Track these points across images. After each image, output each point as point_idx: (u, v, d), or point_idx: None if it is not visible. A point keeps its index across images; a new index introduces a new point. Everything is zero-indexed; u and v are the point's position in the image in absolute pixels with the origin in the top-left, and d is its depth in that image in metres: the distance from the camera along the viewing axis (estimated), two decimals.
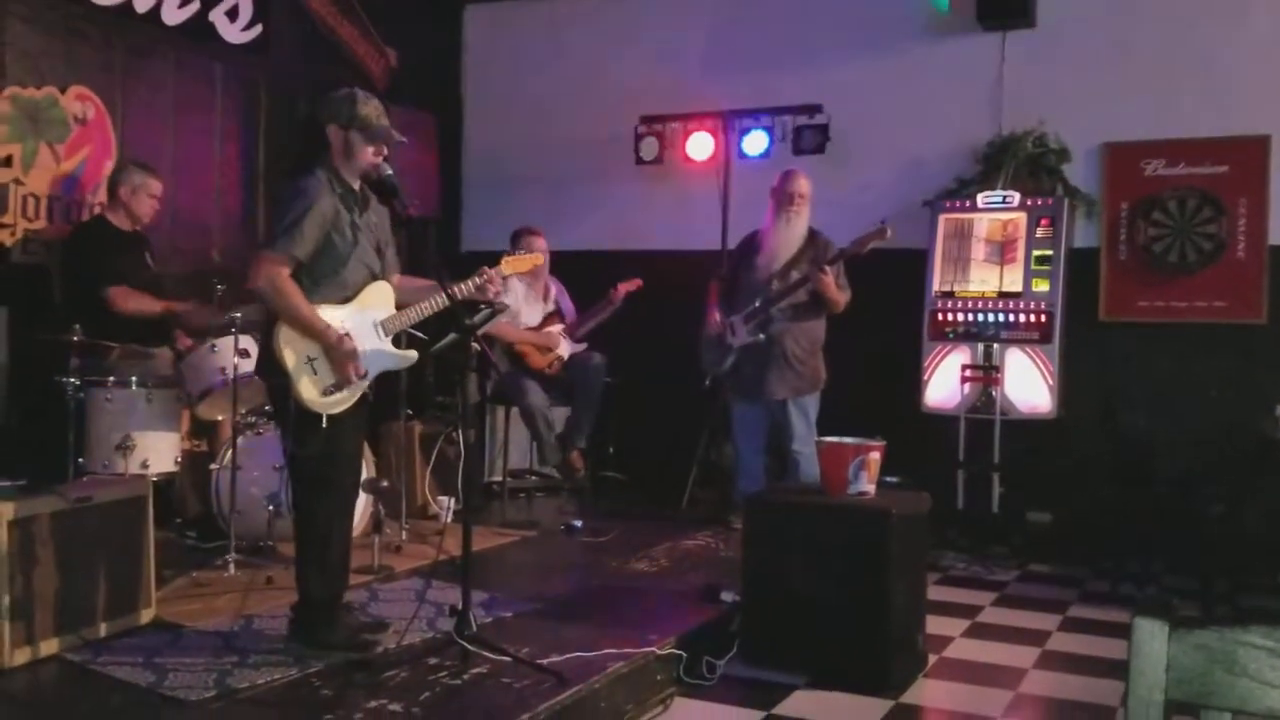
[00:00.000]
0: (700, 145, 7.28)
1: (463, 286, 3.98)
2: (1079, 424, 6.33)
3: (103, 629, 3.81)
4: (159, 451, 4.77)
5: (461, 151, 8.40)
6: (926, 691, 4.14)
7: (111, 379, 4.76)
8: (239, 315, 4.64)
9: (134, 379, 4.78)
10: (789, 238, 5.88)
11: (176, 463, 4.91)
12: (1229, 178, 6.29)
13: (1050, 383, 6.14)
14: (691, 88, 7.44)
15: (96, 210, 5.60)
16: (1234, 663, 1.20)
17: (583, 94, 7.85)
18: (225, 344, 4.74)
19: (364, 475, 4.44)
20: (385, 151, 3.82)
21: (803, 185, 5.87)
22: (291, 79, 6.78)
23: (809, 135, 6.97)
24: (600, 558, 5.43)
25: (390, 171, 3.82)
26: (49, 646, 3.62)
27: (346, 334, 3.71)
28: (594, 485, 6.90)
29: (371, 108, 3.77)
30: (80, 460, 4.68)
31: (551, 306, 6.65)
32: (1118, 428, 6.39)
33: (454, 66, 8.41)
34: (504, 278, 4.21)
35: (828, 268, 5.64)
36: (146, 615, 4.00)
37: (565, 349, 6.55)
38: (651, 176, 7.57)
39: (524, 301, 6.52)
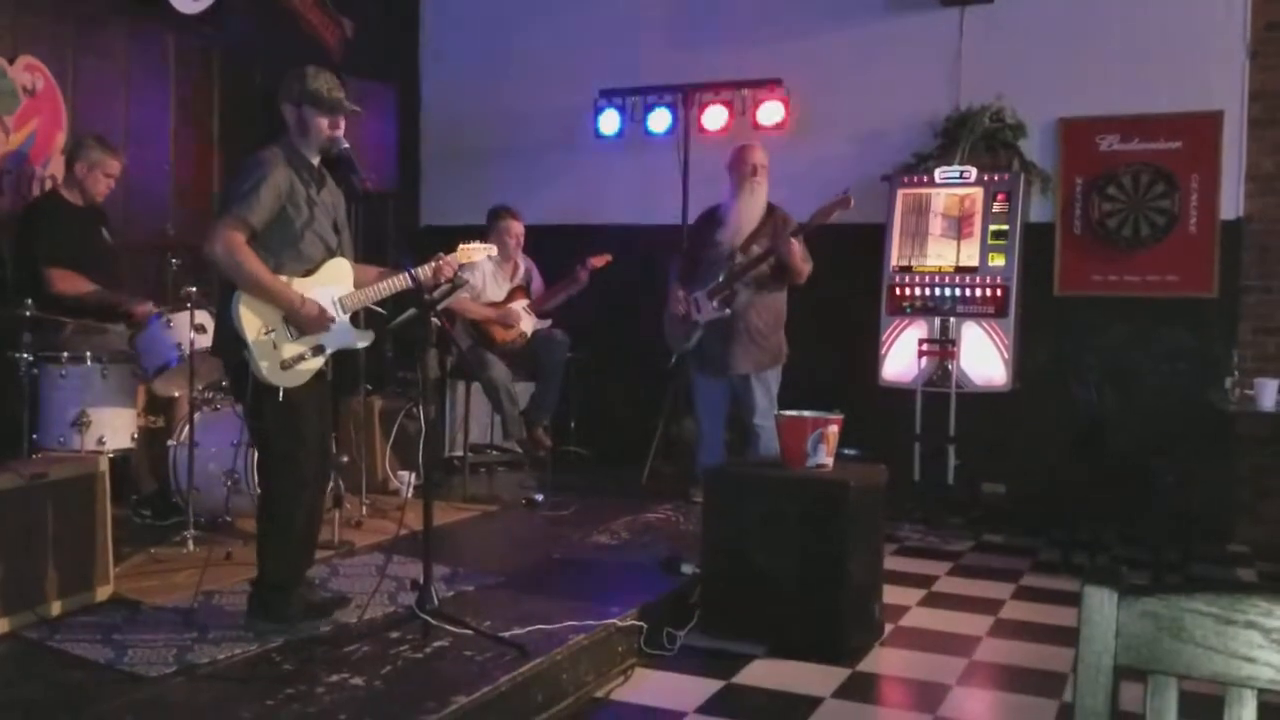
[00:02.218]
0: (660, 119, 7.28)
1: (417, 272, 3.98)
2: (1033, 397, 6.40)
3: (58, 606, 3.78)
4: (115, 428, 4.72)
5: (420, 124, 8.31)
6: (883, 660, 4.21)
7: (66, 354, 4.69)
8: (194, 290, 4.60)
9: (89, 354, 4.72)
10: (751, 211, 5.88)
11: (133, 439, 4.85)
12: (1182, 153, 6.36)
13: (1005, 356, 6.21)
14: (651, 61, 7.41)
15: (48, 184, 5.50)
16: (1181, 629, 1.22)
17: (542, 66, 7.80)
18: (180, 319, 4.69)
19: None
20: (341, 124, 3.80)
21: (762, 156, 5.88)
22: (245, 50, 6.67)
23: (768, 110, 6.98)
24: (561, 531, 5.45)
25: (347, 145, 3.81)
26: (2, 625, 3.59)
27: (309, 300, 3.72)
28: (555, 459, 6.90)
29: (323, 81, 3.77)
30: (35, 437, 4.62)
31: (520, 281, 6.62)
32: (1071, 400, 6.47)
33: (411, 37, 8.31)
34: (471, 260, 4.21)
35: (793, 238, 5.65)
36: (104, 592, 3.98)
37: (529, 325, 6.53)
38: (611, 150, 7.54)
39: (491, 279, 6.49)
